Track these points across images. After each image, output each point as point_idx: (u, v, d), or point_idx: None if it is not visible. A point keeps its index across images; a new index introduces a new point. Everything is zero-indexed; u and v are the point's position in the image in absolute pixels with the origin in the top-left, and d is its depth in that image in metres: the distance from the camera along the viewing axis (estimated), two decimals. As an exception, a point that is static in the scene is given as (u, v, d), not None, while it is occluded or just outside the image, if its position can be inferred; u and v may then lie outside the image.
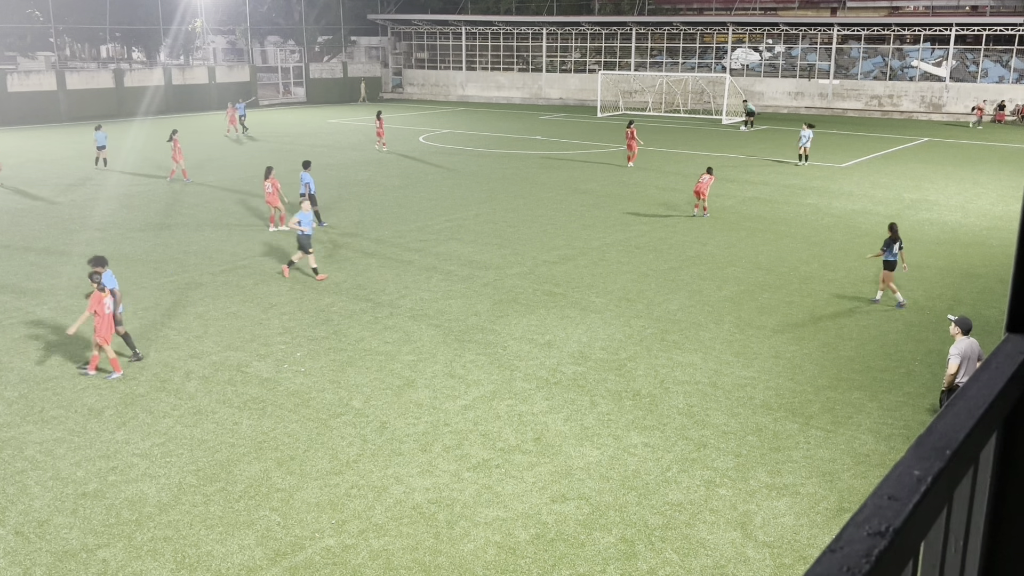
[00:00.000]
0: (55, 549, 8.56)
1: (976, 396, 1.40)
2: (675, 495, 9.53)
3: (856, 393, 12.24)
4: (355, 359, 13.44)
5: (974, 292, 17.04)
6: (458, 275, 17.98)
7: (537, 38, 64.67)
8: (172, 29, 61.18)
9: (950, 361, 10.22)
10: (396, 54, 71.63)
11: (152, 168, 32.20)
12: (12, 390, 12.32)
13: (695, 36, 58.96)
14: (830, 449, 10.58)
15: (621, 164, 32.91)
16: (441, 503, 9.37)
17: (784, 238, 21.35)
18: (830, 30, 54.68)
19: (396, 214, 24.08)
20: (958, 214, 24.18)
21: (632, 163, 32.68)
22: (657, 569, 8.25)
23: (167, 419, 11.39)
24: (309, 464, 10.21)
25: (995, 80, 50.71)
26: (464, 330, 14.73)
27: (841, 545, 1.04)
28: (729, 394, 12.19)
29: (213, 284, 17.45)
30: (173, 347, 13.97)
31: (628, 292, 16.89)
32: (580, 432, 11.01)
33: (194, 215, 24.00)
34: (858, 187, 28.36)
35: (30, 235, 21.61)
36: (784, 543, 8.68)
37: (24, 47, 65.18)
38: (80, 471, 10.04)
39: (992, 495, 1.53)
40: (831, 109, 54.41)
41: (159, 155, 35.20)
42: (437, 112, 56.80)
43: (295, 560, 8.37)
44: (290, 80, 68.01)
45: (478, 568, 8.27)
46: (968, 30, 50.97)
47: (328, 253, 19.77)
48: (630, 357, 13.54)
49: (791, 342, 14.23)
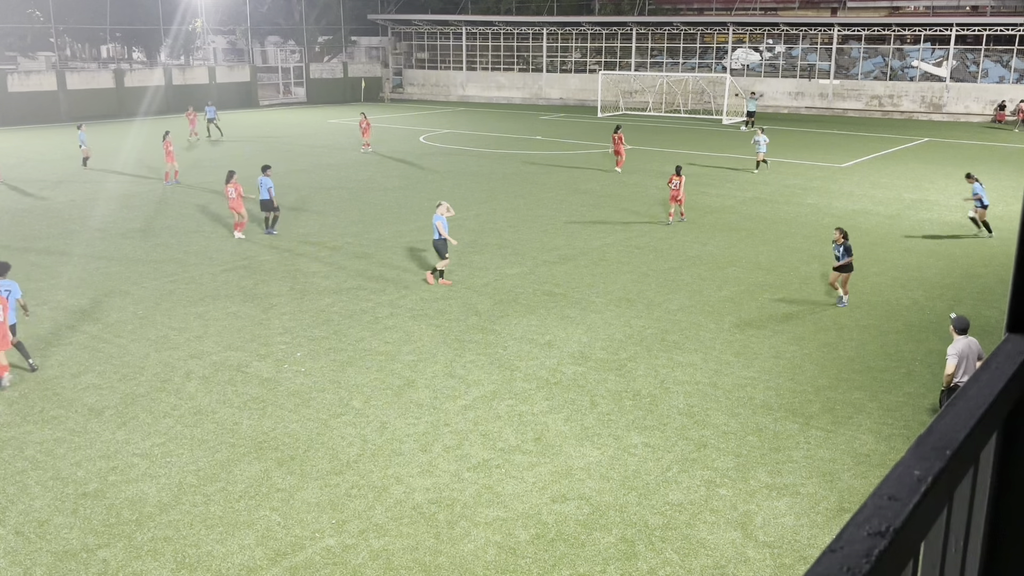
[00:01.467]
0: (55, 549, 8.57)
1: (976, 396, 1.40)
2: (675, 495, 9.53)
3: (856, 393, 12.24)
4: (355, 359, 13.44)
5: (974, 292, 17.03)
6: (458, 275, 17.97)
7: (537, 38, 64.67)
8: (172, 29, 61.18)
9: (948, 361, 10.26)
10: (396, 54, 71.63)
11: (151, 169, 32.18)
12: (12, 390, 12.32)
13: (695, 36, 58.95)
14: (830, 449, 10.58)
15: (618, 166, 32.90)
16: (441, 503, 9.37)
17: (784, 238, 21.34)
18: (830, 30, 54.68)
19: (396, 214, 24.08)
20: (958, 214, 24.17)
21: (620, 168, 31.70)
22: (657, 569, 8.25)
23: (167, 419, 11.39)
24: (309, 464, 10.21)
25: (995, 80, 50.70)
26: (464, 330, 14.74)
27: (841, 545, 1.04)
28: (729, 394, 12.19)
29: (213, 284, 17.45)
30: (173, 347, 13.98)
31: (628, 292, 16.89)
32: (580, 432, 11.01)
33: (193, 215, 24.00)
34: (858, 187, 28.36)
35: (30, 235, 21.61)
36: (784, 543, 8.68)
37: (24, 47, 65.21)
38: (80, 471, 10.04)
39: (992, 495, 1.53)
40: (831, 109, 54.40)
41: (158, 156, 35.24)
42: (437, 112, 56.79)
43: (295, 560, 8.38)
44: (290, 80, 68.02)
45: (478, 568, 8.27)
46: (968, 30, 50.95)
47: (328, 253, 19.78)
48: (630, 357, 13.54)
49: (791, 342, 14.23)
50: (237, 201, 20.90)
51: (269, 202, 21.23)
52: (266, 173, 21.35)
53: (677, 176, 22.60)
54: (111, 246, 20.48)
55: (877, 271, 18.38)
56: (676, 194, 22.63)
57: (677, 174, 22.67)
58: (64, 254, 19.81)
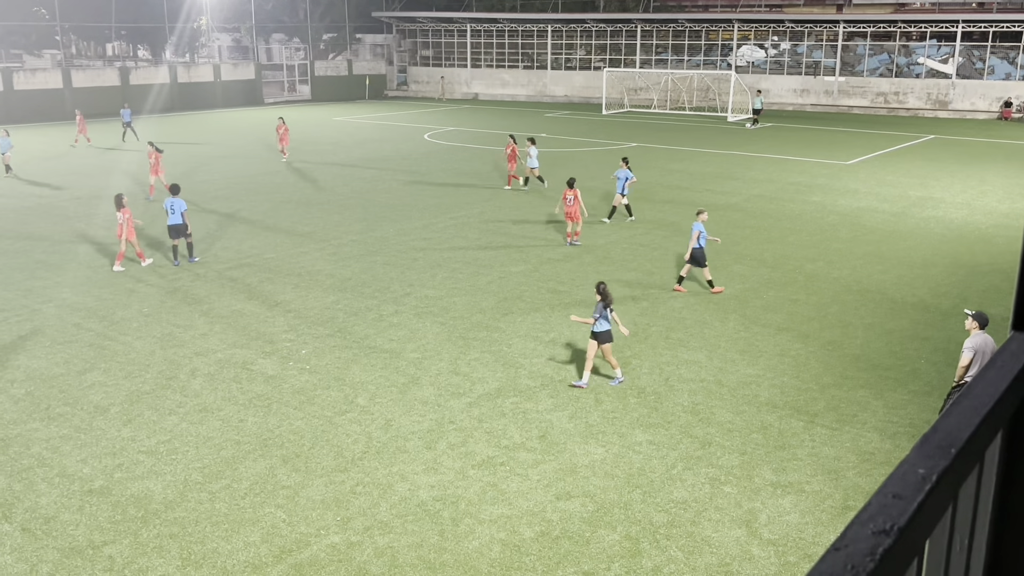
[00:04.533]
0: (61, 545, 8.60)
1: (982, 394, 1.40)
2: (680, 493, 9.53)
3: (861, 391, 12.22)
4: (360, 356, 13.45)
5: (980, 290, 16.99)
6: (462, 273, 17.98)
7: (542, 35, 64.60)
8: (177, 27, 61.27)
9: (964, 354, 10.05)
10: (401, 51, 71.64)
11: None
12: (19, 387, 12.36)
13: (700, 33, 58.84)
14: (835, 447, 10.56)
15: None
16: (446, 500, 9.38)
17: (789, 235, 21.31)
18: (836, 27, 54.53)
19: (400, 212, 24.08)
20: (964, 211, 24.11)
21: (510, 186, 27.17)
22: (662, 567, 8.25)
23: (173, 416, 11.42)
24: (314, 461, 10.22)
25: (1002, 77, 50.52)
26: (469, 328, 14.74)
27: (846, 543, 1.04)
28: (734, 392, 12.18)
29: (218, 281, 17.47)
30: (179, 344, 14.01)
31: (633, 290, 16.87)
32: (585, 430, 11.02)
33: (196, 212, 24.02)
34: (864, 184, 28.29)
35: (36, 232, 21.66)
36: (789, 541, 8.68)
37: (30, 45, 65.36)
38: (86, 468, 10.07)
39: (997, 493, 1.52)
40: (837, 106, 54.27)
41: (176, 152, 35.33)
42: (442, 110, 56.78)
43: (300, 557, 8.39)
44: (295, 78, 68.07)
45: (483, 565, 8.28)
46: (975, 27, 50.77)
47: (333, 251, 19.79)
48: (635, 355, 13.53)
49: (796, 340, 14.21)
50: (128, 229, 18.11)
51: (182, 227, 18.38)
52: (176, 194, 18.66)
53: (571, 190, 19.40)
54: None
55: (882, 268, 18.34)
56: (571, 212, 19.44)
57: (570, 187, 19.45)
58: (69, 252, 19.85)
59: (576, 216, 19.57)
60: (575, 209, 19.44)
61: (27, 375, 12.80)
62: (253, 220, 23.08)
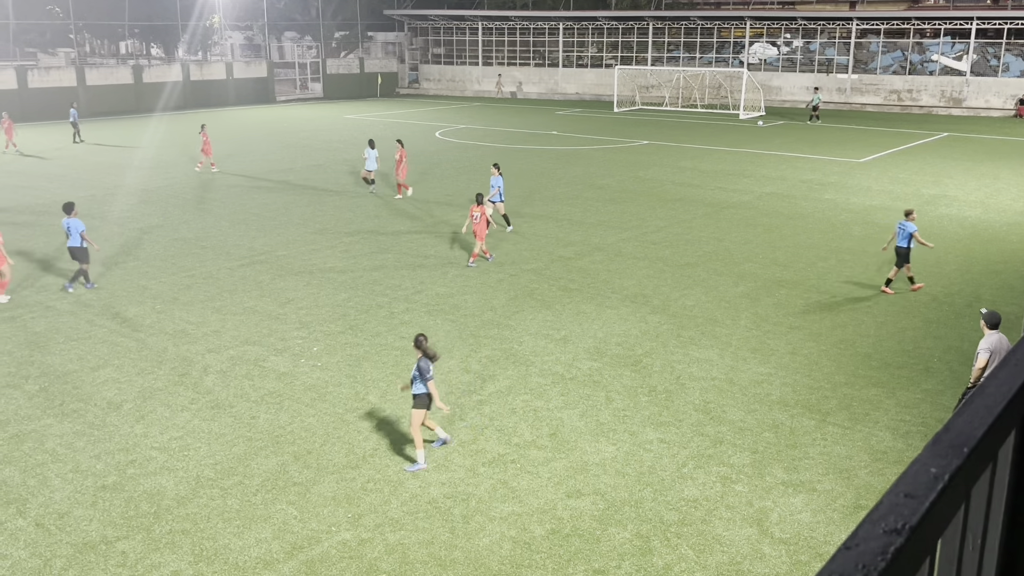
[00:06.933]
0: (75, 541, 8.66)
1: (995, 393, 1.39)
2: (691, 491, 9.51)
3: (873, 390, 12.17)
4: (371, 354, 13.48)
5: (994, 288, 16.88)
6: (473, 271, 17.99)
7: (553, 33, 64.54)
8: (190, 25, 61.48)
9: (979, 355, 9.96)
10: (412, 49, 71.70)
11: (168, 164, 32.37)
12: (33, 383, 12.45)
13: (712, 31, 58.64)
14: (847, 446, 10.52)
15: (635, 159, 32.78)
16: (457, 498, 9.39)
17: (801, 233, 21.22)
18: (849, 24, 54.24)
19: (411, 210, 24.11)
20: (978, 209, 23.96)
21: (401, 195, 25.49)
22: (672, 565, 8.24)
23: (185, 413, 11.48)
24: (326, 458, 10.26)
25: (1016, 74, 50.15)
26: (480, 325, 14.75)
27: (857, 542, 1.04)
28: (745, 390, 12.14)
29: (231, 279, 17.54)
30: (191, 341, 14.07)
31: (644, 288, 16.85)
32: (595, 428, 11.01)
33: (211, 210, 24.12)
34: (876, 182, 28.15)
35: (49, 232, 21.79)
36: (800, 540, 8.65)
37: (44, 43, 65.77)
38: (100, 464, 10.14)
39: (1011, 493, 1.51)
40: (849, 104, 54.00)
41: (174, 151, 35.49)
42: (453, 107, 56.80)
43: (311, 554, 8.42)
44: (307, 76, 68.21)
45: (493, 563, 8.29)
46: (989, 24, 50.41)
47: (344, 249, 19.83)
48: (646, 353, 13.51)
49: (808, 338, 14.16)
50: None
51: (83, 250, 16.63)
52: (72, 214, 16.62)
53: (478, 206, 17.93)
54: (130, 240, 20.61)
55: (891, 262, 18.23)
56: (478, 229, 17.91)
57: (478, 203, 17.97)
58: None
59: (482, 235, 18.00)
60: (481, 227, 17.91)
61: (41, 371, 12.88)
62: (265, 217, 23.15)
